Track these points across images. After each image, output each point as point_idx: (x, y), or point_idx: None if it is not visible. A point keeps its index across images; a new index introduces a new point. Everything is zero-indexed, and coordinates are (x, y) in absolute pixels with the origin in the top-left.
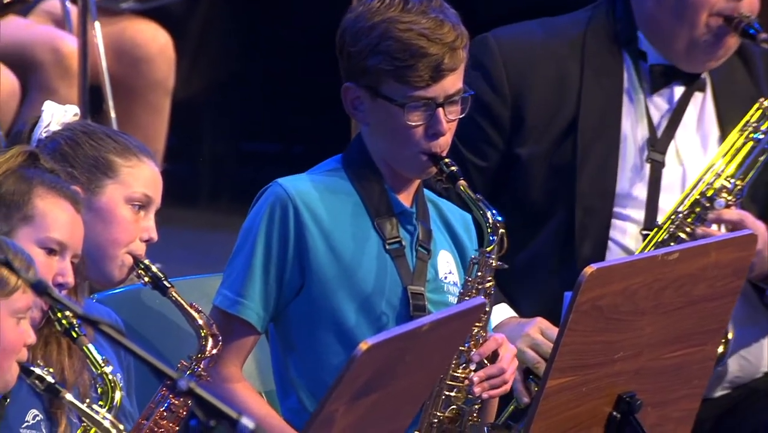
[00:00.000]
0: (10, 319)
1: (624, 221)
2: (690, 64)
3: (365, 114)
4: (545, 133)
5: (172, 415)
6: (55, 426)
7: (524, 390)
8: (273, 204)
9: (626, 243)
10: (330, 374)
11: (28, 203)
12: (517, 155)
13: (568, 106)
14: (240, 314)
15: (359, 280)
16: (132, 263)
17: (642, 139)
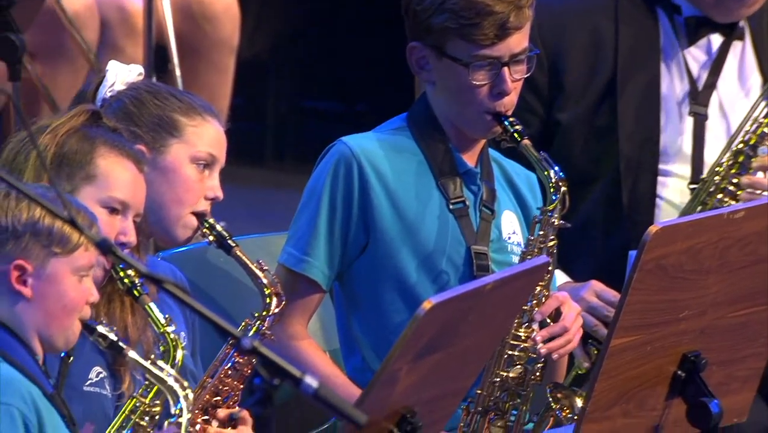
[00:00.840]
0: (72, 277)
1: (670, 176)
2: (722, 13)
3: (430, 73)
4: (584, 95)
5: (237, 373)
6: (119, 383)
7: (584, 355)
8: (337, 162)
9: (674, 199)
10: (393, 332)
11: (90, 163)
12: (558, 121)
13: (606, 66)
14: (305, 272)
15: (421, 238)
16: (197, 222)
17: (683, 93)
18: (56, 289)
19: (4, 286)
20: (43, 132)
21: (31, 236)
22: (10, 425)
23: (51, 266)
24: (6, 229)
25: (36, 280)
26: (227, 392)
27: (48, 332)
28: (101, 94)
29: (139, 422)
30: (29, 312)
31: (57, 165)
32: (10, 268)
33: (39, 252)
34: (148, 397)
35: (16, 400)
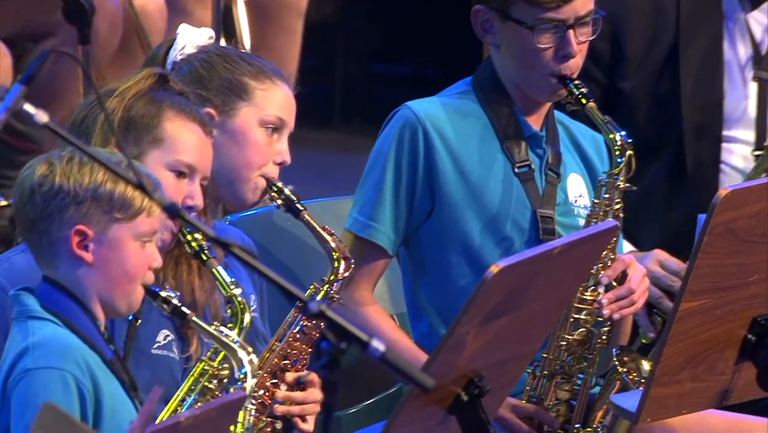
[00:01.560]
0: (134, 242)
1: (734, 143)
2: None
3: (495, 37)
4: (646, 63)
5: (305, 337)
6: (187, 346)
7: (649, 324)
8: (402, 127)
9: (739, 165)
10: (459, 297)
11: (157, 126)
12: (620, 89)
13: (667, 32)
14: (371, 237)
15: (485, 202)
16: (265, 186)
17: (746, 57)
18: (118, 255)
19: (65, 251)
20: (110, 96)
21: (93, 202)
22: (63, 389)
23: (112, 231)
24: (68, 193)
25: (97, 246)
26: (295, 356)
27: (110, 298)
28: (171, 58)
29: (208, 385)
30: (91, 278)
31: (124, 129)
32: (71, 233)
33: (100, 218)
34: (216, 360)
35: (70, 365)
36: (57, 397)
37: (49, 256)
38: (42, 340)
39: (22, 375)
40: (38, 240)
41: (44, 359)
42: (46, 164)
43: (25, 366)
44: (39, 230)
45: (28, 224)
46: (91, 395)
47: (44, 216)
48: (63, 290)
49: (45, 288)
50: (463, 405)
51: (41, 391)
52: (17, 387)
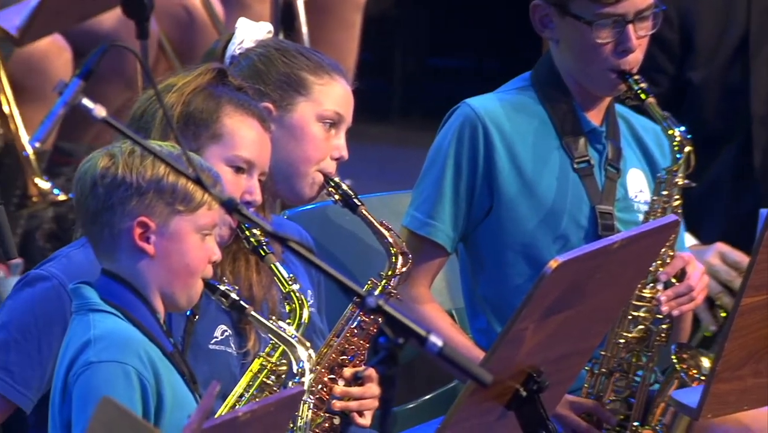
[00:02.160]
0: (195, 235)
1: None
2: None
3: (553, 32)
4: (715, 54)
5: (363, 332)
6: (244, 341)
7: (711, 317)
8: (462, 125)
9: None
10: (516, 294)
11: (216, 122)
12: (689, 80)
13: (738, 23)
14: (430, 235)
15: (541, 198)
16: (322, 181)
17: None
18: (179, 247)
19: (127, 243)
20: (169, 91)
21: (155, 193)
22: (125, 383)
23: (174, 223)
24: (130, 185)
25: (159, 237)
26: (353, 351)
27: (170, 290)
28: (230, 52)
29: (266, 381)
30: (152, 270)
31: (183, 124)
32: (134, 225)
33: (162, 209)
34: (274, 356)
35: (132, 358)
36: (119, 391)
37: (110, 248)
38: (104, 333)
39: (84, 368)
40: (99, 232)
41: (106, 352)
42: (107, 157)
43: (87, 359)
44: (100, 222)
45: (89, 216)
46: (153, 388)
47: (106, 208)
48: (123, 282)
49: (104, 281)
50: (522, 401)
51: (103, 384)
52: (79, 381)
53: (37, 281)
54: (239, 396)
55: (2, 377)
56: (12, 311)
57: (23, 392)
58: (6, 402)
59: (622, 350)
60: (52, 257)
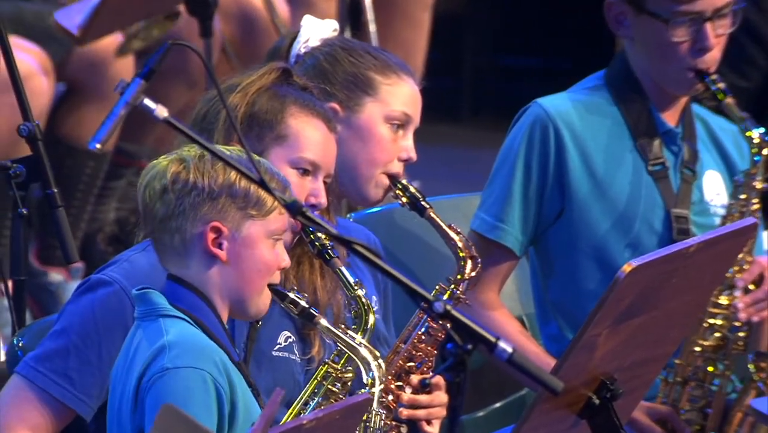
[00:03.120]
0: (267, 240)
1: None
2: None
3: (628, 30)
4: None
5: (430, 338)
6: (308, 348)
7: None
8: (533, 125)
9: None
10: (588, 299)
11: (281, 123)
12: None
13: None
14: (499, 239)
15: (613, 201)
16: (389, 183)
17: None
18: (251, 253)
19: (199, 249)
20: (233, 91)
21: (228, 198)
22: (202, 389)
23: (246, 228)
24: (202, 190)
25: (231, 243)
26: (420, 358)
27: (241, 298)
28: (295, 51)
29: (331, 388)
30: (223, 276)
31: (246, 125)
32: (207, 230)
33: (235, 214)
34: (339, 363)
35: (208, 365)
36: (196, 397)
37: (180, 255)
38: (178, 338)
39: (159, 375)
40: (169, 239)
41: (182, 358)
42: (177, 162)
43: (163, 365)
44: (170, 229)
45: (157, 222)
46: (228, 396)
47: (177, 214)
48: (190, 288)
49: (172, 287)
50: (595, 409)
51: (180, 391)
52: (154, 388)
53: (98, 286)
54: (304, 404)
55: (62, 384)
56: (72, 316)
57: (83, 399)
58: (66, 410)
59: (697, 358)
60: (113, 261)
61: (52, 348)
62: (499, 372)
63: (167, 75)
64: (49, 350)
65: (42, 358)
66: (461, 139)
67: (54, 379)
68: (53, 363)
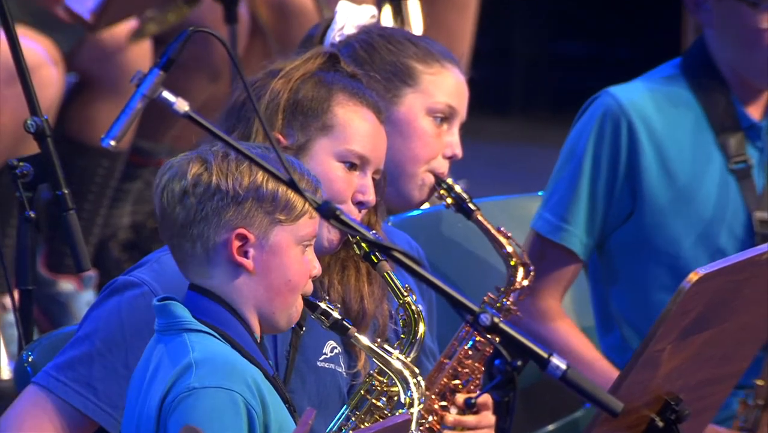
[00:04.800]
0: (297, 247)
1: None
2: None
3: (709, 14)
4: None
5: (478, 354)
6: (354, 361)
7: None
8: (603, 117)
9: None
10: (657, 310)
11: (327, 111)
12: None
13: None
14: (563, 241)
15: (698, 207)
16: (433, 183)
17: None
18: (280, 261)
19: (223, 258)
20: (274, 77)
21: (254, 202)
22: (232, 412)
23: (275, 235)
24: (227, 194)
25: (258, 251)
26: (467, 375)
27: (270, 310)
28: (329, 38)
29: (376, 402)
30: (250, 287)
31: (290, 113)
32: (232, 237)
33: (262, 220)
34: (385, 376)
35: (239, 385)
36: (226, 420)
37: (202, 264)
38: (206, 356)
39: (185, 395)
40: (190, 247)
41: (211, 378)
42: (198, 162)
43: (189, 385)
44: (191, 236)
45: (177, 229)
46: (261, 419)
47: (199, 219)
48: (216, 299)
49: (195, 298)
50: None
51: (208, 413)
52: (179, 408)
53: (125, 288)
54: (346, 419)
55: (84, 393)
56: (97, 320)
57: (108, 411)
58: (88, 422)
59: None
60: (142, 262)
61: (74, 355)
62: (553, 391)
63: (188, 65)
64: (70, 358)
65: (63, 366)
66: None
67: (76, 388)
68: (75, 371)
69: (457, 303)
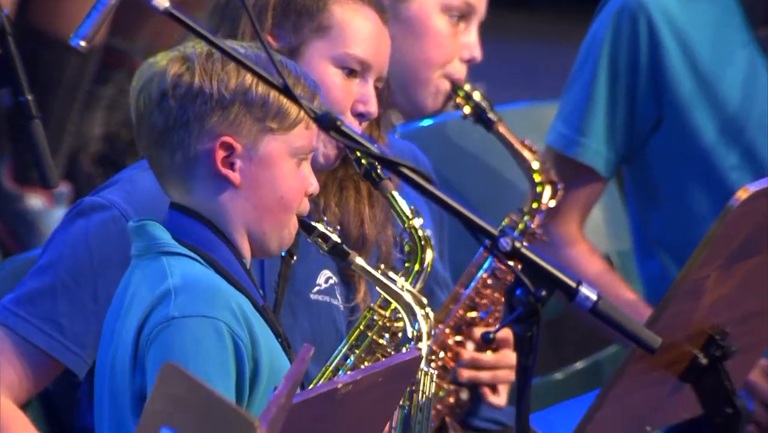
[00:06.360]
0: (290, 160)
1: None
2: None
3: None
4: None
5: (497, 283)
6: (352, 293)
7: None
8: (619, 14)
9: None
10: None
11: (323, 10)
12: None
13: None
14: (579, 156)
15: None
16: (448, 89)
17: None
18: (271, 174)
19: (205, 169)
20: None
21: (242, 107)
22: (216, 342)
23: (265, 145)
24: (210, 96)
25: (246, 162)
26: (485, 307)
27: (260, 230)
28: None
29: (377, 339)
30: (237, 204)
31: (281, 12)
32: (216, 146)
33: (251, 127)
34: (388, 309)
35: (224, 313)
36: (210, 353)
37: (182, 176)
38: (186, 281)
39: (163, 326)
40: (169, 157)
41: (192, 306)
42: (179, 61)
43: (168, 314)
44: (170, 144)
45: (155, 136)
46: (249, 351)
47: (179, 125)
48: (199, 219)
49: (175, 217)
50: (701, 370)
51: (189, 344)
52: (157, 341)
53: (92, 210)
54: (344, 358)
55: (48, 330)
56: (61, 247)
57: (75, 350)
58: (52, 363)
59: None
60: (112, 180)
61: (35, 288)
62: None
63: None
64: (32, 290)
65: (23, 300)
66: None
67: (38, 325)
68: (37, 306)
69: (473, 226)
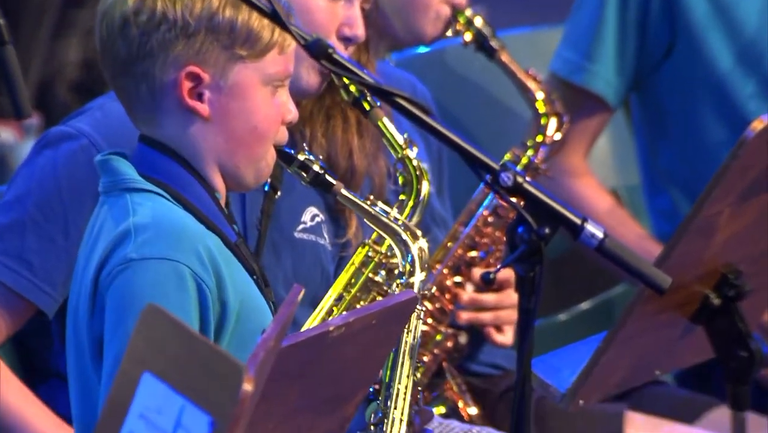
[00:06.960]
0: (263, 88)
1: None
2: None
3: None
4: None
5: (499, 221)
6: (342, 230)
7: None
8: None
9: None
10: (712, 163)
11: None
12: None
13: None
14: (586, 84)
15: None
16: (448, 15)
17: None
18: (242, 104)
19: (171, 101)
20: None
21: (208, 34)
22: (177, 286)
23: (235, 73)
24: (174, 23)
25: (215, 93)
26: (485, 246)
27: (233, 163)
28: None
29: (373, 277)
30: (208, 137)
31: None
32: (181, 76)
33: (218, 55)
34: (384, 244)
35: (187, 256)
36: (170, 296)
37: (148, 109)
38: (148, 220)
39: (121, 267)
40: (134, 88)
41: (152, 247)
42: None
43: (126, 255)
44: (135, 75)
45: (119, 66)
46: (215, 295)
47: (142, 55)
48: (168, 153)
49: (144, 151)
50: (713, 311)
51: (148, 289)
52: (114, 283)
53: (60, 140)
54: (337, 298)
55: (16, 268)
56: (28, 180)
57: (46, 289)
58: (21, 303)
59: None
60: (82, 110)
61: (2, 224)
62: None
63: None
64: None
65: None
66: None
67: (5, 263)
68: (5, 243)
69: (473, 159)
